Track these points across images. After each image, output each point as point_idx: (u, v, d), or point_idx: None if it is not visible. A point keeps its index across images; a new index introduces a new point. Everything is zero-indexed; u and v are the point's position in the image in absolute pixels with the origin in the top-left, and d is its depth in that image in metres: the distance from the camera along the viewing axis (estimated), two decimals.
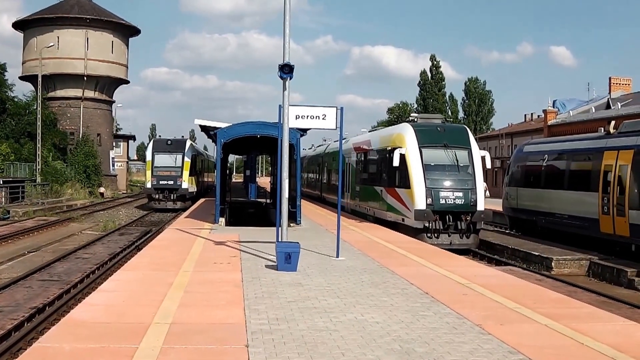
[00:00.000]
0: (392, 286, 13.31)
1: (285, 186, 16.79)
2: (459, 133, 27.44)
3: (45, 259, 23.78)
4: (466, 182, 25.33)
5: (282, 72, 16.43)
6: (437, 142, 26.21)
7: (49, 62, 63.73)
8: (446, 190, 25.05)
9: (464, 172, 25.64)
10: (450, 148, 25.90)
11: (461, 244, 24.76)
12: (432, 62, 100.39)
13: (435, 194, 24.84)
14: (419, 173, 25.20)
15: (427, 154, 25.74)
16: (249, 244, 19.06)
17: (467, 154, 26.03)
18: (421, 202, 24.73)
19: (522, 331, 9.81)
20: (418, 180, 25.07)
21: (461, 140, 26.53)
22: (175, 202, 48.08)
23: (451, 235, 24.87)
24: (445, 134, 26.77)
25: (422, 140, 26.12)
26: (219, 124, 27.84)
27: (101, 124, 70.96)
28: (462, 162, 25.77)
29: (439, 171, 25.52)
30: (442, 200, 24.85)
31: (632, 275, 20.06)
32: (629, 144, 22.58)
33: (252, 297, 11.85)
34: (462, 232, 24.92)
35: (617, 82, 50.75)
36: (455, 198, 24.90)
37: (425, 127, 27.74)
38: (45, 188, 54.94)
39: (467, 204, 24.94)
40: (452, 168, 25.63)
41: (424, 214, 24.56)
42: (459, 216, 24.85)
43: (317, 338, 9.12)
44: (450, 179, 25.35)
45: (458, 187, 25.13)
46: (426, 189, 24.87)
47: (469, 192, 25.05)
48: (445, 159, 25.74)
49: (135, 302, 11.26)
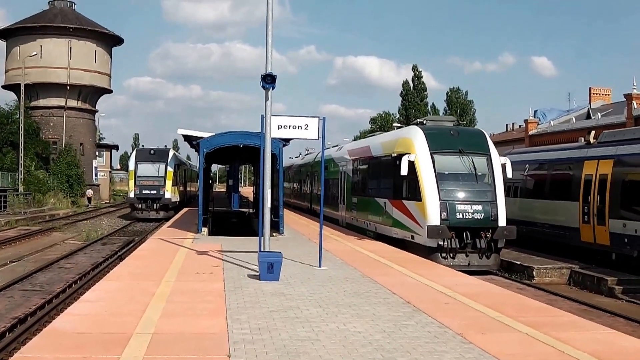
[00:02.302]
0: (374, 295, 13.35)
1: (267, 196, 16.81)
2: (476, 137, 24.33)
3: (27, 268, 23.64)
4: (485, 194, 22.29)
5: (265, 82, 16.46)
6: (451, 147, 23.03)
7: (31, 71, 63.49)
8: (463, 202, 21.92)
9: (483, 181, 22.65)
10: (466, 154, 22.76)
11: (480, 265, 21.84)
12: (414, 72, 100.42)
13: (451, 207, 21.74)
14: (431, 183, 22.11)
15: (440, 160, 22.64)
16: (231, 254, 19.05)
17: (485, 161, 22.96)
18: (435, 216, 21.64)
19: (503, 340, 9.87)
20: (430, 192, 21.98)
21: (478, 146, 23.40)
22: (158, 211, 47.92)
23: (469, 255, 21.81)
24: (460, 138, 23.60)
25: (433, 145, 22.94)
26: (202, 133, 27.88)
27: (84, 134, 70.67)
28: (481, 171, 22.72)
29: (454, 181, 22.46)
30: (459, 214, 21.72)
31: (612, 283, 20.22)
32: (608, 154, 22.81)
33: (235, 306, 11.86)
34: (481, 251, 21.78)
35: (597, 92, 51.08)
36: (473, 212, 21.82)
37: (437, 130, 24.72)
38: (27, 197, 54.66)
39: (487, 219, 21.83)
40: (469, 177, 22.57)
41: (438, 230, 21.33)
42: (477, 233, 21.71)
43: (299, 348, 9.14)
44: (467, 190, 22.27)
45: (477, 199, 22.08)
46: (440, 201, 21.78)
47: (489, 205, 21.99)
48: (460, 167, 22.65)
49: (118, 312, 11.22)
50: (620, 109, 39.05)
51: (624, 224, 21.31)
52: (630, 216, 21.14)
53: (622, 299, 19.54)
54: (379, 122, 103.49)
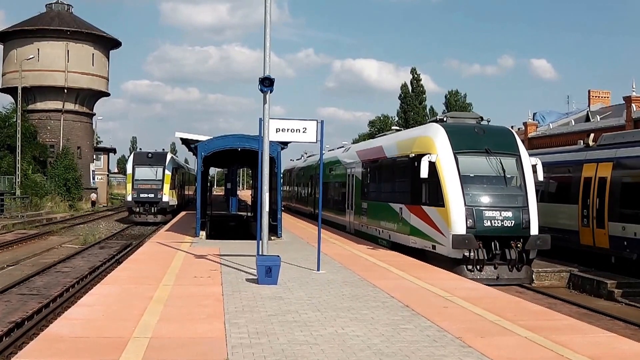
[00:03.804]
0: (373, 299, 13.30)
1: (265, 199, 16.77)
2: (504, 135, 22.18)
3: (24, 272, 23.59)
4: (516, 199, 20.35)
5: (263, 85, 16.43)
6: (476, 147, 21.04)
7: (29, 74, 63.36)
8: (491, 208, 19.90)
9: (513, 185, 20.81)
10: (493, 154, 20.78)
11: (511, 279, 20.01)
12: (413, 75, 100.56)
13: (478, 214, 19.74)
14: (455, 186, 20.08)
15: (465, 161, 20.63)
16: (229, 258, 19.00)
17: (515, 162, 20.97)
18: (460, 224, 19.65)
19: (502, 344, 9.83)
20: (455, 196, 19.94)
21: (507, 145, 21.40)
22: (156, 215, 47.92)
23: (498, 267, 19.89)
24: (486, 136, 21.48)
25: (457, 144, 20.92)
26: (200, 137, 27.87)
27: (81, 137, 70.58)
28: (510, 173, 20.82)
29: (481, 184, 20.52)
30: (487, 221, 19.72)
31: (612, 287, 20.17)
32: (608, 157, 22.78)
33: (233, 310, 11.81)
34: (511, 262, 19.88)
35: (596, 94, 51.07)
36: (503, 219, 19.78)
37: (461, 127, 22.39)
38: (24, 201, 54.57)
39: (518, 227, 19.88)
40: (498, 180, 20.67)
41: (464, 240, 19.36)
42: (507, 242, 19.84)
43: (298, 352, 9.09)
44: (495, 195, 20.29)
45: (506, 204, 20.08)
46: (465, 207, 19.76)
47: (520, 211, 20.03)
48: (488, 169, 20.69)
49: (115, 316, 11.17)
50: (619, 111, 39.04)
51: (623, 227, 21.28)
52: (630, 219, 21.11)
53: (621, 302, 19.50)
54: (377, 125, 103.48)
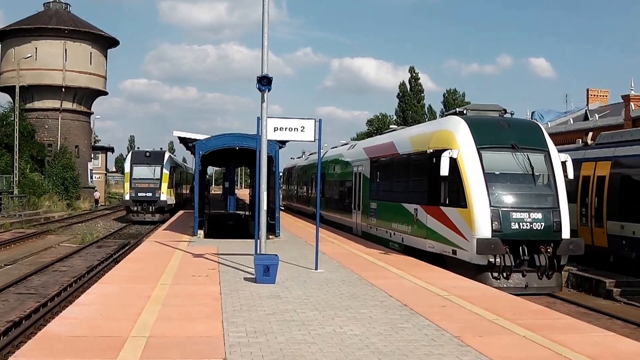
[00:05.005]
0: (371, 298, 13.29)
1: (263, 198, 16.75)
2: (531, 130, 20.39)
3: (22, 272, 23.55)
4: (546, 199, 18.65)
5: (261, 84, 16.40)
6: (501, 141, 19.35)
7: (26, 73, 63.26)
8: (519, 210, 18.16)
9: (542, 184, 19.09)
10: (520, 150, 19.03)
11: (540, 288, 18.24)
12: (411, 74, 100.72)
13: (505, 215, 17.99)
14: (479, 185, 18.38)
15: (489, 158, 18.94)
16: (227, 257, 18.98)
17: (543, 158, 19.31)
18: (484, 227, 17.90)
19: (501, 343, 9.82)
20: (479, 196, 18.22)
21: (534, 140, 19.68)
22: (154, 214, 47.90)
23: (526, 274, 18.07)
24: (512, 130, 19.74)
25: (480, 138, 19.24)
26: (198, 135, 27.85)
27: (79, 136, 70.49)
28: (539, 170, 19.10)
29: (507, 182, 18.75)
30: (515, 224, 17.97)
31: (610, 286, 20.17)
32: (606, 155, 22.78)
33: (231, 310, 11.79)
34: (541, 269, 18.07)
35: (594, 93, 51.14)
36: (532, 221, 18.05)
37: (484, 120, 20.62)
38: (22, 200, 54.47)
39: (548, 230, 18.13)
40: (525, 178, 18.89)
41: (490, 244, 17.58)
42: (536, 247, 18.10)
43: (296, 351, 9.07)
44: (523, 194, 18.58)
45: (535, 205, 18.35)
46: (491, 208, 18.03)
47: (551, 213, 18.29)
48: (514, 166, 18.96)
49: (113, 315, 11.15)
50: (618, 110, 39.10)
51: (622, 226, 21.28)
52: (628, 218, 21.11)
53: (620, 301, 19.51)
54: (375, 124, 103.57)
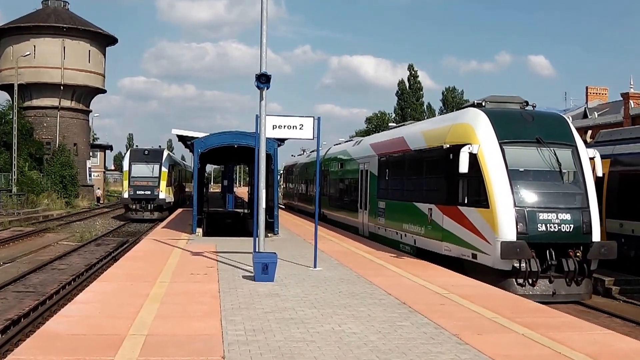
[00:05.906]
0: (370, 296, 13.29)
1: (262, 196, 16.74)
2: (557, 123, 18.74)
3: (20, 270, 23.50)
4: (574, 198, 17.14)
5: (259, 81, 16.39)
6: (525, 135, 17.69)
7: (25, 71, 63.24)
8: (546, 210, 16.64)
9: (570, 181, 17.58)
10: (546, 145, 17.42)
11: (569, 295, 16.81)
12: (410, 71, 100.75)
13: (531, 216, 16.47)
14: (502, 183, 16.80)
15: (513, 153, 17.34)
16: (226, 255, 18.98)
17: (571, 154, 17.74)
18: (509, 229, 16.33)
19: (499, 341, 9.82)
20: (502, 195, 16.65)
21: (561, 134, 18.07)
22: (153, 212, 47.82)
23: (554, 280, 16.59)
24: (536, 123, 18.07)
25: (502, 132, 17.59)
26: (197, 133, 27.82)
27: (78, 134, 70.44)
28: (566, 167, 17.52)
29: (532, 180, 17.23)
30: (541, 226, 16.44)
31: (609, 284, 20.13)
32: (605, 153, 22.73)
33: (229, 308, 11.78)
34: (569, 275, 16.60)
35: (594, 91, 51.19)
36: (560, 223, 16.55)
37: (505, 113, 18.82)
38: (21, 198, 54.44)
39: (577, 232, 16.66)
40: (552, 176, 17.34)
41: (516, 248, 16.02)
42: (564, 251, 16.63)
43: (294, 349, 9.07)
44: (550, 193, 17.04)
45: (564, 205, 16.84)
46: (516, 208, 16.49)
47: (580, 213, 16.82)
48: (540, 162, 17.38)
49: (111, 313, 11.14)
50: (617, 108, 39.10)
51: (621, 224, 21.26)
52: (627, 216, 21.08)
53: (619, 299, 19.45)
54: (374, 121, 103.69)
